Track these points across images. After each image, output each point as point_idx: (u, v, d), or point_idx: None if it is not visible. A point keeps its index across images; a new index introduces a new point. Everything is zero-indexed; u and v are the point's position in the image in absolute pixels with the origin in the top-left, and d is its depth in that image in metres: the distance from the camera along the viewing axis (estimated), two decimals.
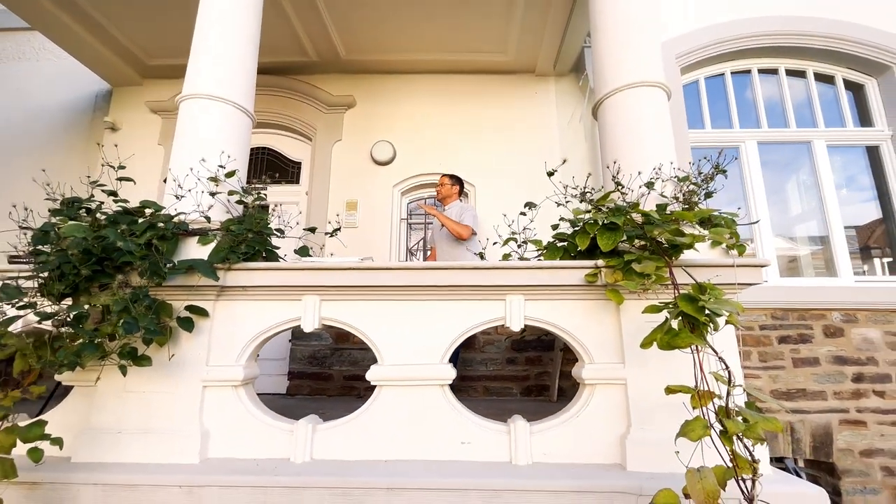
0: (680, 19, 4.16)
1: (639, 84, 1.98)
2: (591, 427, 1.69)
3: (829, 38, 4.10)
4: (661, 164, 1.80)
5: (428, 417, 1.72)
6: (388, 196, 4.07)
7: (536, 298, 1.77)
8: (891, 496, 3.16)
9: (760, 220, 3.81)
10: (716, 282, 1.62)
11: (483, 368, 3.58)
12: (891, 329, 3.42)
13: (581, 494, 1.49)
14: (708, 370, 1.30)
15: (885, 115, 4.11)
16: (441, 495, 1.50)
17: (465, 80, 4.27)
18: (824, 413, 3.31)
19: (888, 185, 4.03)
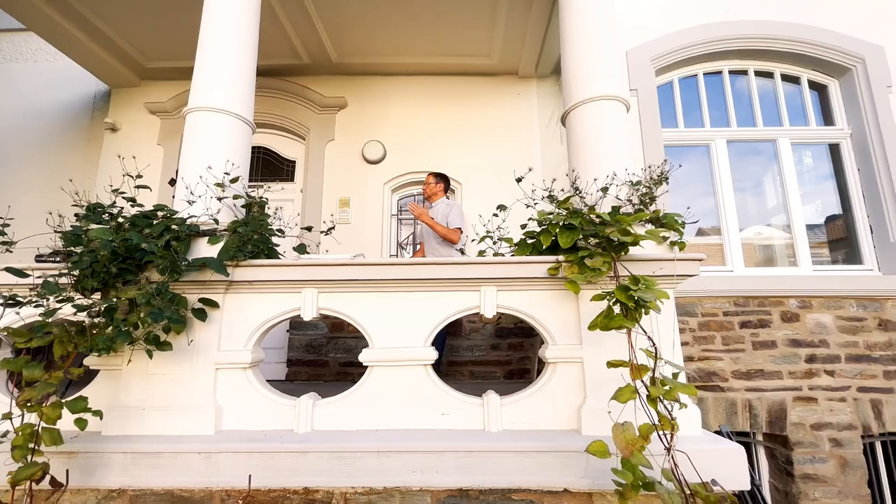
0: (655, 24, 4.39)
1: (599, 98, 2.23)
2: (553, 399, 1.96)
3: (794, 41, 4.36)
4: (616, 171, 2.06)
5: (413, 393, 1.98)
6: (379, 193, 4.30)
7: (507, 289, 2.03)
8: (836, 464, 3.49)
9: (699, 220, 4.07)
10: (659, 273, 1.90)
11: (469, 354, 3.86)
12: (841, 314, 3.73)
13: (541, 454, 1.77)
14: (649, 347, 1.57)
15: (845, 115, 4.39)
16: (422, 456, 1.77)
17: (451, 82, 4.48)
18: (780, 391, 3.63)
19: (847, 181, 4.32)
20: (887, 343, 3.66)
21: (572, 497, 1.79)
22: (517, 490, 1.79)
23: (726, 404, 3.62)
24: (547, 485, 1.77)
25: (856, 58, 4.28)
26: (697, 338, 3.74)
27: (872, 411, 3.57)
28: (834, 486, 3.44)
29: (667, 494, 1.31)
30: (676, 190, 4.44)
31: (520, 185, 2.06)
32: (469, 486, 1.79)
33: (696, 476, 1.48)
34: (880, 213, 4.03)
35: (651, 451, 1.50)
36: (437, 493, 1.80)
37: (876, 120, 4.12)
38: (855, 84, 4.29)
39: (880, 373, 3.62)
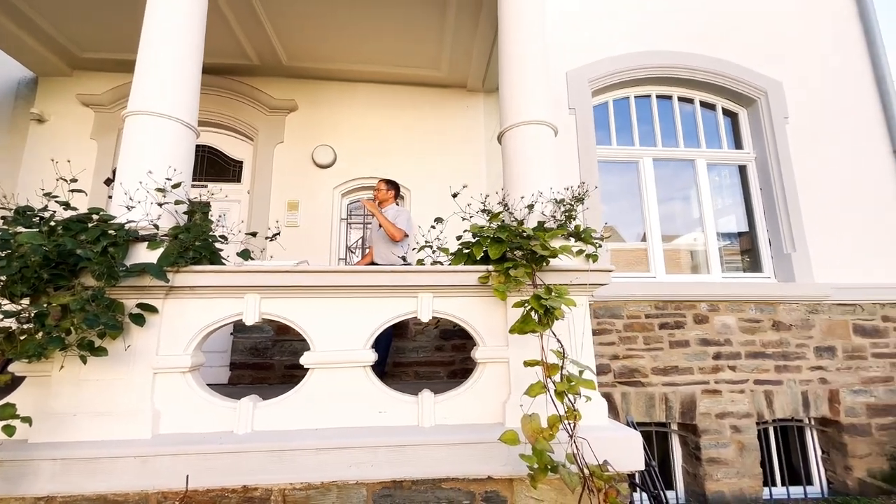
0: (592, 49, 4.76)
1: (530, 122, 2.46)
2: (483, 395, 2.16)
3: (711, 72, 4.89)
4: (542, 189, 2.29)
5: (352, 393, 2.11)
6: (328, 197, 4.35)
7: (443, 295, 2.20)
8: (736, 448, 3.98)
9: (609, 236, 4.43)
10: (576, 282, 2.15)
11: (414, 355, 4.01)
12: (743, 316, 4.25)
13: (468, 445, 1.95)
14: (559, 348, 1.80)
15: (751, 140, 4.98)
16: (358, 452, 1.90)
17: (402, 91, 4.62)
18: (691, 385, 4.07)
19: (752, 198, 4.91)
20: (779, 342, 4.21)
21: (495, 483, 1.99)
22: (446, 479, 1.97)
23: (646, 398, 4.01)
24: (473, 473, 1.96)
25: (760, 90, 4.87)
26: (623, 338, 4.12)
27: (765, 401, 4.09)
28: (733, 468, 3.92)
29: (567, 475, 1.53)
30: (612, 202, 4.86)
31: (455, 199, 2.24)
32: (402, 478, 1.94)
33: (597, 459, 1.72)
34: (777, 228, 4.62)
35: (560, 440, 1.74)
36: (373, 485, 1.94)
37: (775, 146, 4.72)
38: (759, 113, 4.89)
39: (772, 367, 4.16)
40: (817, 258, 4.43)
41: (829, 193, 4.64)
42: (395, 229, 3.39)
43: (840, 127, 4.85)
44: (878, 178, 4.75)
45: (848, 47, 5.13)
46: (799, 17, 5.14)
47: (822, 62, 5.03)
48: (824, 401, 4.14)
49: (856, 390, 4.17)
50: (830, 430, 4.20)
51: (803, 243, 4.47)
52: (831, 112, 4.89)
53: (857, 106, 4.95)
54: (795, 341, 4.23)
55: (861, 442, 4.07)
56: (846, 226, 4.57)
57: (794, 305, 4.30)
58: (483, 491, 1.98)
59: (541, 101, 2.52)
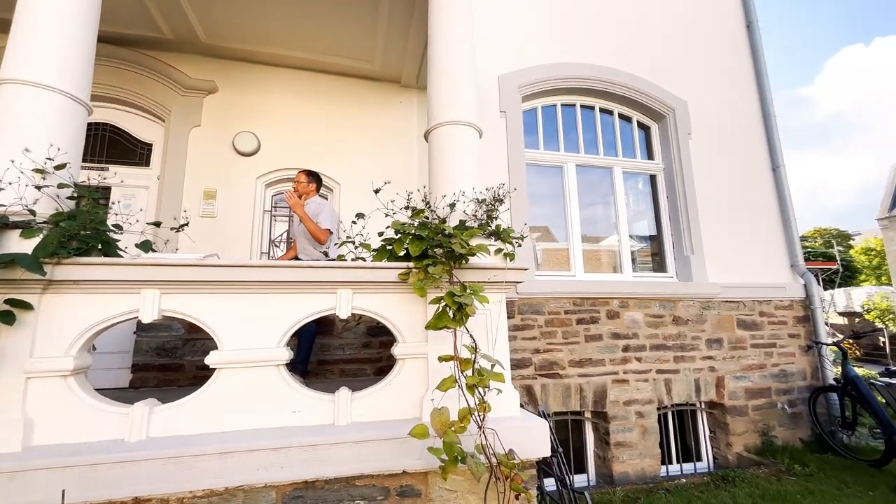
0: (524, 56, 4.95)
1: (455, 122, 2.51)
2: (401, 391, 2.17)
3: (629, 88, 5.29)
4: (465, 189, 2.35)
5: (264, 393, 2.02)
6: (250, 187, 4.11)
7: (363, 292, 2.18)
8: (639, 432, 4.37)
9: (526, 237, 4.66)
10: (494, 280, 2.23)
11: (340, 353, 3.93)
12: (648, 312, 4.67)
13: (383, 441, 1.96)
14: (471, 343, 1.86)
15: (661, 152, 5.48)
16: (267, 454, 1.83)
17: (334, 81, 4.49)
18: (603, 376, 4.40)
19: (660, 205, 5.40)
20: (677, 335, 4.69)
21: (410, 477, 2.02)
22: (360, 476, 1.96)
23: (563, 388, 4.27)
24: (388, 469, 1.97)
25: (669, 107, 5.37)
26: (544, 333, 4.34)
27: (665, 388, 4.54)
28: (636, 449, 4.31)
29: (475, 465, 1.59)
30: (544, 203, 5.10)
31: (378, 195, 2.22)
32: (315, 478, 1.90)
33: (504, 448, 1.81)
34: (679, 233, 5.13)
35: (471, 431, 1.80)
36: (283, 487, 1.88)
37: (679, 159, 5.23)
38: (668, 128, 5.39)
39: (671, 358, 4.62)
40: (711, 260, 4.99)
41: (722, 203, 5.24)
42: (318, 231, 3.24)
43: (733, 145, 5.50)
44: (760, 191, 5.45)
45: (741, 76, 5.82)
46: (703, 44, 5.74)
47: (721, 87, 5.67)
48: (712, 386, 4.68)
49: (737, 376, 4.76)
50: (717, 412, 4.77)
51: (700, 247, 5.01)
52: (726, 131, 5.52)
53: (746, 127, 5.63)
54: (691, 334, 4.73)
55: (740, 421, 4.67)
56: (734, 232, 5.19)
57: (691, 302, 4.81)
58: (398, 486, 2.00)
59: (467, 103, 2.58)
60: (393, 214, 2.31)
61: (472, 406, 1.72)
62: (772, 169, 5.56)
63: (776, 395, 4.85)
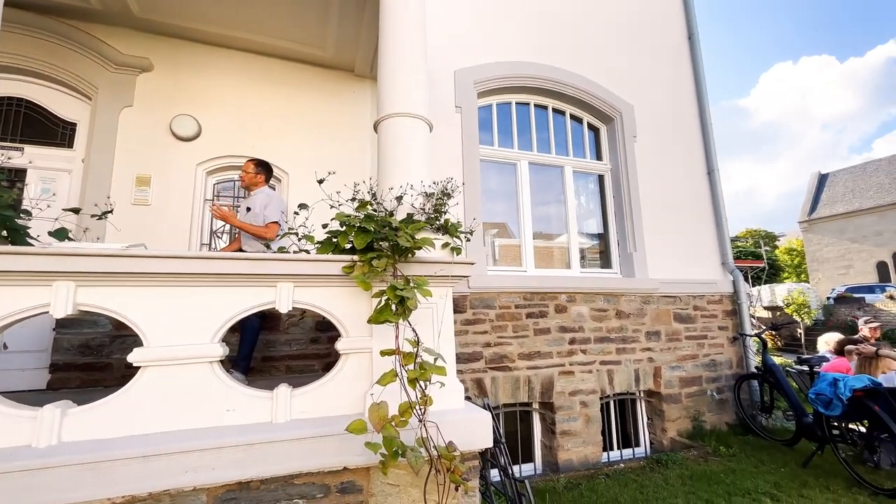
0: (480, 52, 4.98)
1: (405, 114, 2.48)
2: (344, 387, 2.13)
3: (580, 90, 5.46)
4: (413, 182, 2.33)
5: (195, 392, 1.91)
6: (190, 174, 3.87)
7: (305, 286, 2.11)
8: (583, 421, 4.56)
9: (475, 231, 4.73)
10: (440, 274, 2.23)
11: (287, 349, 3.80)
12: (594, 306, 4.87)
13: (323, 438, 1.91)
14: (431, 337, 1.85)
15: (608, 154, 5.71)
16: (197, 455, 1.74)
17: (285, 67, 4.30)
18: (550, 368, 4.55)
19: (606, 204, 5.64)
20: (620, 328, 4.93)
21: (352, 473, 1.99)
22: (299, 475, 1.91)
23: (513, 381, 4.37)
24: (328, 466, 1.93)
25: (617, 111, 5.60)
26: (495, 326, 4.42)
27: (608, 378, 4.76)
28: (580, 438, 4.49)
29: (414, 458, 1.59)
30: (501, 200, 5.17)
31: (322, 186, 2.16)
32: (250, 478, 1.83)
33: (444, 441, 1.82)
34: (624, 231, 5.38)
35: (413, 425, 1.79)
36: (214, 489, 1.79)
37: (625, 160, 5.47)
38: (615, 130, 5.62)
39: (614, 350, 4.85)
40: (651, 257, 5.27)
41: (663, 203, 5.54)
42: (262, 230, 3.06)
43: (673, 149, 5.83)
44: (696, 194, 5.83)
45: (683, 85, 6.17)
46: (649, 53, 6.03)
47: (664, 94, 5.98)
48: (650, 376, 4.97)
49: (673, 366, 5.09)
50: (654, 400, 5.07)
51: (642, 244, 5.28)
52: (668, 136, 5.84)
53: (686, 132, 5.99)
54: (632, 327, 4.99)
55: (674, 408, 4.99)
56: (673, 231, 5.51)
57: (632, 297, 5.07)
58: (338, 482, 1.96)
59: (418, 95, 2.55)
60: (339, 206, 2.25)
61: (413, 400, 1.72)
62: (707, 173, 5.95)
63: (706, 383, 5.22)
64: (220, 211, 3.08)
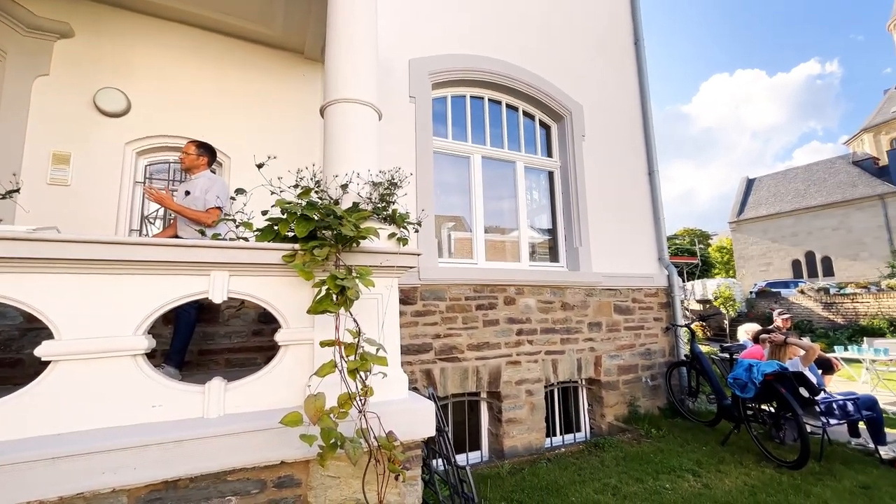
0: (436, 43, 4.94)
1: (353, 100, 2.42)
2: (283, 379, 2.06)
3: (534, 87, 5.58)
4: (360, 171, 2.28)
5: (116, 387, 1.78)
6: (118, 154, 3.56)
7: (241, 275, 2.02)
8: (528, 409, 4.72)
9: (423, 221, 4.85)
10: (386, 264, 2.21)
11: (227, 341, 3.62)
12: (541, 298, 5.04)
13: (259, 433, 1.85)
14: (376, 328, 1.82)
15: (558, 151, 5.89)
16: (117, 455, 1.62)
17: (228, 44, 4.04)
18: (498, 358, 4.66)
19: (555, 199, 5.83)
20: (565, 319, 5.14)
21: (290, 467, 1.94)
22: (233, 471, 1.83)
23: (461, 371, 4.44)
24: (264, 460, 1.87)
25: (567, 110, 5.78)
26: (445, 318, 4.46)
27: (552, 368, 4.96)
28: (525, 425, 4.65)
29: (351, 449, 1.58)
30: (454, 193, 5.19)
31: (272, 173, 2.06)
32: (177, 477, 1.73)
33: (391, 431, 1.82)
34: (571, 226, 5.59)
35: (353, 416, 1.77)
36: (136, 490, 1.68)
37: (574, 158, 5.67)
38: (565, 129, 5.80)
39: (559, 340, 5.05)
40: (595, 252, 5.52)
41: (607, 201, 5.81)
42: (200, 214, 2.88)
43: (618, 149, 6.11)
44: (638, 193, 6.16)
45: (628, 87, 6.47)
46: (599, 55, 6.26)
47: (611, 95, 6.24)
48: (592, 365, 5.23)
49: (612, 355, 5.38)
50: (594, 388, 5.34)
51: (587, 239, 5.51)
52: (613, 136, 6.11)
53: (630, 134, 6.30)
54: (576, 318, 5.21)
55: (613, 395, 5.29)
56: (616, 227, 5.80)
57: (577, 290, 5.29)
58: (275, 477, 1.91)
59: (367, 82, 2.49)
60: (280, 192, 2.16)
61: (353, 391, 1.70)
62: (648, 173, 6.30)
63: (641, 371, 5.57)
64: (156, 193, 2.86)
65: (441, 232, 5.23)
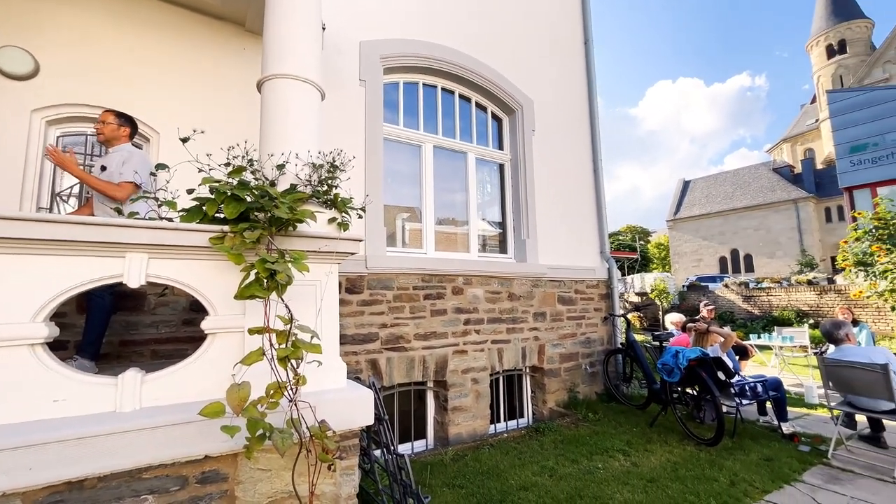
0: (388, 26, 4.82)
1: (293, 77, 2.29)
2: (211, 369, 1.94)
3: (487, 80, 5.60)
4: (299, 151, 2.17)
5: (8, 380, 1.59)
6: (22, 122, 3.16)
7: (163, 257, 1.86)
8: (474, 397, 4.80)
9: (366, 206, 4.81)
10: (324, 250, 2.13)
11: (153, 331, 3.37)
12: (489, 289, 5.12)
13: (180, 426, 1.73)
14: (313, 315, 1.74)
15: (509, 144, 5.97)
16: (7, 455, 1.45)
17: (162, 9, 3.70)
18: (445, 347, 4.69)
19: (505, 192, 5.92)
20: (511, 309, 5.26)
21: (215, 461, 1.83)
22: (149, 468, 1.70)
23: (408, 361, 4.43)
24: (186, 455, 1.75)
25: (519, 104, 5.87)
26: (392, 307, 4.41)
27: (498, 356, 5.07)
28: (470, 412, 4.73)
29: (279, 440, 1.51)
30: (408, 184, 5.11)
31: (185, 146, 1.91)
32: (83, 476, 1.58)
33: (324, 420, 1.76)
34: (519, 218, 5.71)
35: (285, 407, 1.70)
36: (34, 492, 1.52)
37: (524, 152, 5.78)
38: (517, 122, 5.89)
39: (505, 329, 5.17)
40: (542, 244, 5.69)
41: (554, 195, 5.99)
42: (112, 188, 2.61)
43: (566, 146, 6.30)
44: (583, 188, 6.40)
45: (577, 86, 6.68)
46: (550, 53, 6.39)
47: (561, 92, 6.41)
48: (535, 353, 5.40)
49: (555, 344, 5.59)
50: (537, 375, 5.53)
51: (535, 232, 5.66)
52: (562, 132, 6.29)
53: (577, 131, 6.51)
54: (522, 308, 5.35)
55: (554, 381, 5.50)
56: (561, 221, 6.00)
57: (524, 280, 5.43)
58: (199, 472, 1.80)
59: (308, 58, 2.37)
60: (210, 171, 2.02)
61: (283, 380, 1.63)
62: (593, 171, 6.56)
63: (582, 359, 5.84)
64: (58, 155, 2.56)
65: (396, 222, 5.17)
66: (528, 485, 3.31)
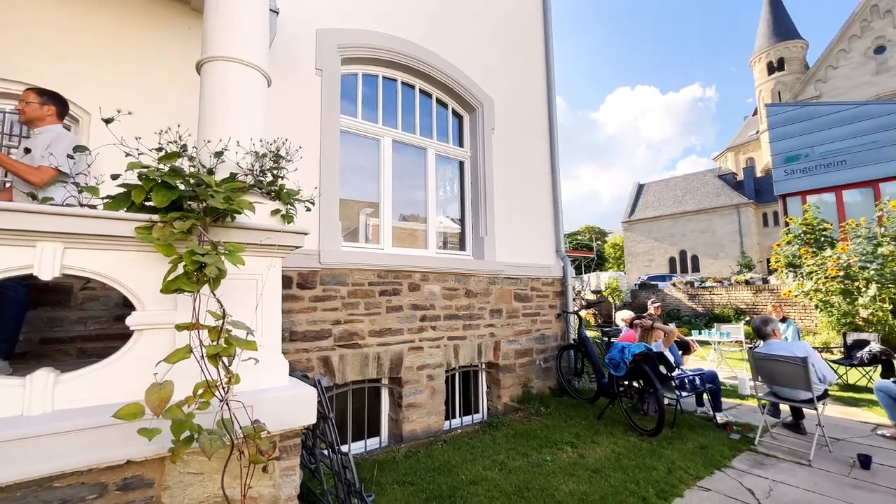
0: (346, 15, 4.69)
1: (237, 60, 2.17)
2: (136, 369, 1.81)
3: (448, 76, 5.58)
4: (239, 139, 2.07)
5: None
6: None
7: (81, 247, 1.72)
8: (429, 393, 4.80)
9: (321, 195, 4.72)
10: (266, 243, 2.04)
11: (80, 328, 3.11)
12: (446, 285, 5.12)
13: (99, 429, 1.60)
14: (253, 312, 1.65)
15: (469, 141, 5.99)
16: None
17: None
18: (400, 344, 4.65)
19: (465, 189, 5.94)
20: (468, 306, 5.29)
21: (139, 466, 1.71)
22: (62, 475, 1.57)
23: (362, 358, 4.35)
24: (105, 461, 1.63)
25: (480, 102, 5.89)
26: (346, 304, 4.32)
27: (454, 353, 5.09)
28: (425, 409, 4.73)
29: (207, 442, 1.43)
30: (363, 177, 5.00)
31: (108, 126, 1.76)
32: None
33: (258, 420, 1.69)
34: (478, 216, 5.75)
35: (216, 407, 1.62)
36: None
37: (483, 150, 5.82)
38: (477, 121, 5.91)
39: (461, 326, 5.19)
40: (500, 242, 5.75)
41: (512, 193, 6.07)
42: (30, 172, 2.38)
43: (525, 145, 6.40)
44: (540, 187, 6.53)
45: (536, 87, 6.79)
46: (512, 53, 6.46)
47: (521, 93, 6.50)
48: (491, 350, 5.47)
49: (510, 340, 5.68)
50: (493, 371, 5.60)
51: (493, 229, 5.72)
52: (521, 132, 6.38)
53: (536, 132, 6.63)
54: (478, 305, 5.40)
55: (509, 377, 5.59)
56: (519, 219, 6.10)
57: (481, 277, 5.47)
58: (119, 479, 1.67)
59: (253, 40, 2.26)
60: (139, 155, 1.88)
61: (213, 379, 1.54)
62: (551, 170, 6.71)
63: (536, 354, 5.98)
64: None
65: (356, 217, 5.07)
66: (478, 479, 3.35)
